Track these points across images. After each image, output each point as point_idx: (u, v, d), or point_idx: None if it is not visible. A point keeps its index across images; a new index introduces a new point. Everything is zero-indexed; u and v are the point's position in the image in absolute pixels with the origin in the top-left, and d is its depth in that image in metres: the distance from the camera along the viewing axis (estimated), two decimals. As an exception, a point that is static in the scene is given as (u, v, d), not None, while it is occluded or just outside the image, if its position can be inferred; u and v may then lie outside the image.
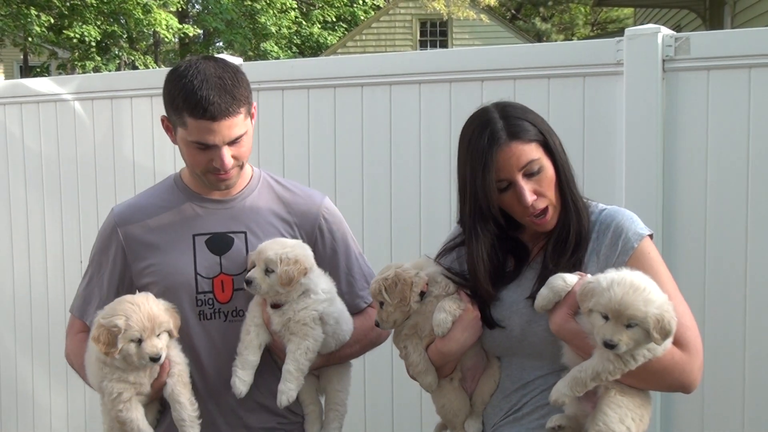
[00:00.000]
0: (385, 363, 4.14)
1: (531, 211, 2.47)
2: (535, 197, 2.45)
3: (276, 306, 2.73)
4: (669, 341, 2.28)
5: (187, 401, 2.66)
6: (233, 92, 2.63)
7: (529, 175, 2.45)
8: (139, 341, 2.56)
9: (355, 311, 2.93)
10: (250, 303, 2.77)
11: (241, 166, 2.76)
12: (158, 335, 2.60)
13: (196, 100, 2.59)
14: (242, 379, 2.67)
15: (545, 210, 2.48)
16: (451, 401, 2.62)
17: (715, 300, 3.65)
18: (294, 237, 2.87)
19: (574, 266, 2.43)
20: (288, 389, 2.67)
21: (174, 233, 2.82)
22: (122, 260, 2.85)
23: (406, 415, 4.29)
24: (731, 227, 3.62)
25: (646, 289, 2.22)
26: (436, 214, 4.22)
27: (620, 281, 2.23)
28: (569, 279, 2.35)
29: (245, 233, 2.83)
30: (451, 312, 2.50)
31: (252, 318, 2.74)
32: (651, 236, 2.50)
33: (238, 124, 2.65)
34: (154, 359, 2.57)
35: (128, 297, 2.66)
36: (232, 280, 2.80)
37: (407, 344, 2.59)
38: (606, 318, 2.22)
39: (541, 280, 2.43)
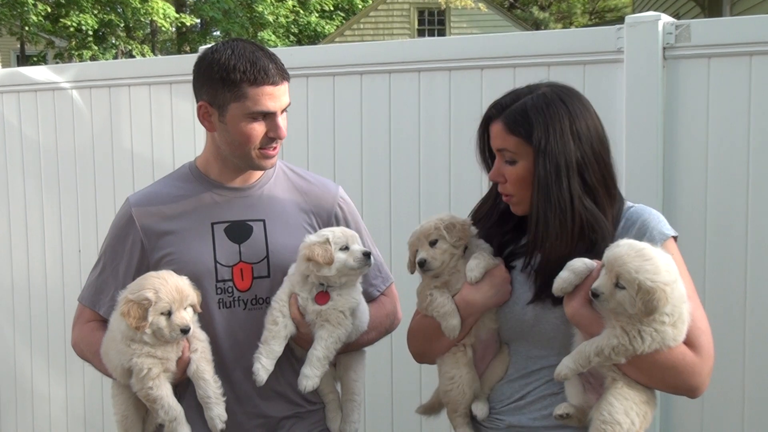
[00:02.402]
0: (385, 353, 4.14)
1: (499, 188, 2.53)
2: (501, 180, 2.50)
3: (323, 299, 2.70)
4: (678, 335, 2.26)
5: (211, 378, 2.67)
6: (281, 62, 2.76)
7: (504, 158, 2.49)
8: (169, 314, 2.58)
9: (368, 300, 2.93)
10: (278, 292, 2.76)
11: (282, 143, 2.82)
12: (185, 308, 2.62)
13: (258, 67, 2.67)
14: (265, 368, 2.64)
15: (510, 197, 2.51)
16: (462, 374, 2.59)
17: (715, 288, 3.63)
18: (311, 225, 2.89)
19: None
20: (313, 375, 2.66)
21: (192, 221, 2.82)
22: (140, 250, 2.84)
23: (407, 404, 4.29)
24: (732, 214, 3.61)
25: (651, 260, 2.21)
26: (436, 201, 4.21)
27: (633, 244, 2.25)
28: (589, 263, 2.33)
29: (264, 221, 2.83)
30: (485, 259, 2.52)
31: (280, 308, 2.72)
32: (676, 238, 2.48)
33: (287, 93, 2.76)
34: (185, 331, 2.59)
35: (153, 273, 2.68)
36: (252, 268, 2.81)
37: (433, 292, 2.57)
38: (606, 272, 2.25)
39: (535, 293, 2.46)
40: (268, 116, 2.71)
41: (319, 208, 2.92)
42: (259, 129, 2.71)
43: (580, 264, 2.34)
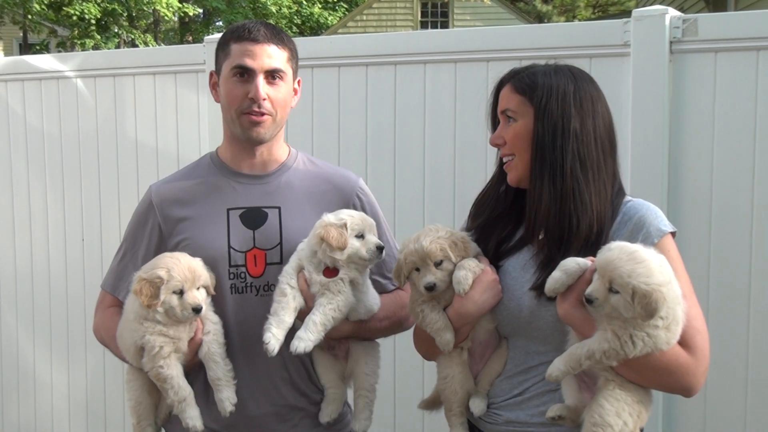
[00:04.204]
0: (388, 348, 4.14)
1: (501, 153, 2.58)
2: (500, 142, 2.55)
3: (331, 274, 2.66)
4: (671, 338, 2.24)
5: (222, 360, 2.68)
6: (280, 33, 2.83)
7: (507, 120, 2.53)
8: (181, 293, 2.60)
9: (383, 292, 2.91)
10: (285, 267, 2.73)
11: (275, 118, 2.81)
12: (198, 288, 2.63)
13: (245, 27, 2.79)
14: (276, 337, 2.55)
15: (511, 159, 2.53)
16: (455, 374, 2.60)
17: (719, 282, 3.65)
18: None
19: (587, 252, 2.38)
20: (307, 338, 2.56)
21: (208, 207, 2.84)
22: (158, 236, 2.87)
23: (409, 399, 4.30)
24: (737, 209, 3.61)
25: (644, 263, 2.18)
26: (440, 193, 4.21)
27: (624, 247, 2.22)
28: (582, 262, 2.31)
29: (279, 208, 2.85)
30: (471, 269, 2.48)
31: (287, 281, 2.69)
32: (674, 234, 2.46)
33: (278, 57, 2.78)
34: (197, 310, 2.60)
35: (167, 253, 2.71)
36: (265, 254, 2.82)
37: (423, 308, 2.56)
38: (599, 277, 2.23)
39: (542, 269, 2.43)
40: (250, 75, 2.75)
41: (338, 198, 2.92)
42: (240, 88, 2.76)
43: (572, 264, 2.32)
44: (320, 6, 31.51)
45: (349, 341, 2.85)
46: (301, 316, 2.69)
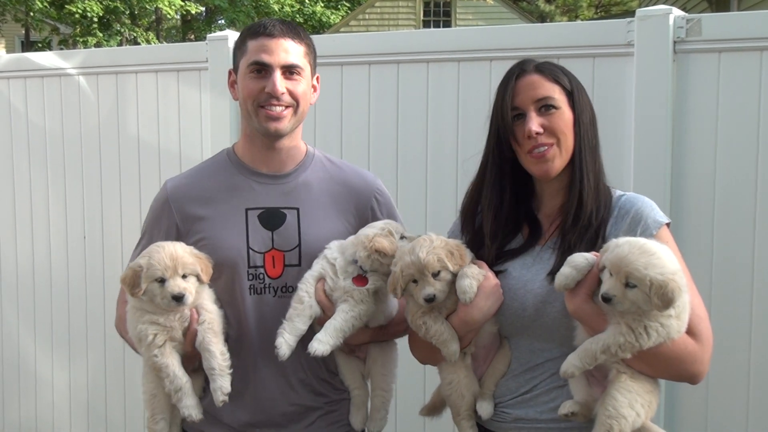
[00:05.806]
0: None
1: (533, 144, 2.50)
2: (541, 130, 2.49)
3: (361, 283, 2.67)
4: (682, 326, 2.27)
5: (217, 350, 2.64)
6: (298, 29, 2.82)
7: (542, 111, 2.50)
8: (162, 281, 2.58)
9: None
10: (306, 274, 2.74)
11: (295, 111, 2.80)
12: (184, 277, 2.61)
13: (261, 24, 2.80)
14: (287, 343, 2.59)
15: (550, 148, 2.50)
16: (459, 378, 2.59)
17: (721, 282, 3.65)
18: (346, 216, 2.87)
19: (592, 246, 2.41)
20: (326, 341, 2.58)
21: (226, 206, 2.83)
22: (176, 233, 2.85)
23: (411, 402, 4.29)
24: (740, 208, 3.61)
25: (656, 254, 2.21)
26: (443, 192, 4.20)
27: (633, 242, 2.25)
28: (589, 257, 2.33)
29: (297, 210, 2.83)
30: (475, 277, 2.48)
31: (306, 289, 2.70)
32: (668, 225, 2.49)
33: (295, 52, 2.77)
34: (177, 298, 2.57)
35: (158, 242, 2.70)
36: (284, 255, 2.81)
37: (426, 320, 2.54)
38: (611, 274, 2.24)
39: (562, 258, 2.43)
40: (267, 71, 2.74)
41: (356, 199, 2.92)
42: (257, 83, 2.75)
43: (580, 259, 2.33)
44: (322, 4, 31.47)
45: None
46: (319, 322, 2.70)
